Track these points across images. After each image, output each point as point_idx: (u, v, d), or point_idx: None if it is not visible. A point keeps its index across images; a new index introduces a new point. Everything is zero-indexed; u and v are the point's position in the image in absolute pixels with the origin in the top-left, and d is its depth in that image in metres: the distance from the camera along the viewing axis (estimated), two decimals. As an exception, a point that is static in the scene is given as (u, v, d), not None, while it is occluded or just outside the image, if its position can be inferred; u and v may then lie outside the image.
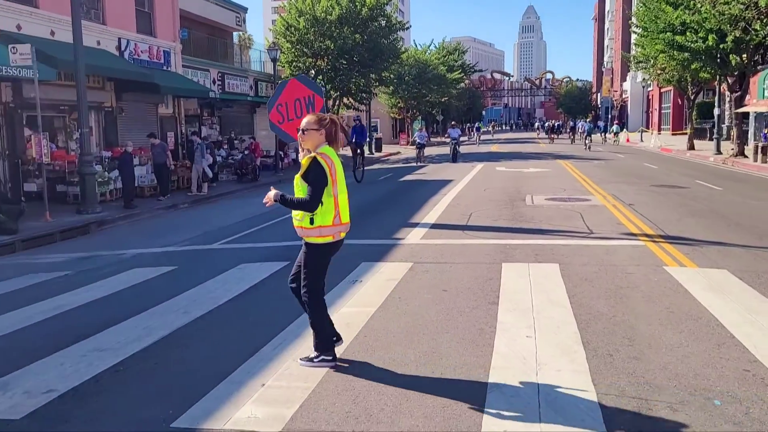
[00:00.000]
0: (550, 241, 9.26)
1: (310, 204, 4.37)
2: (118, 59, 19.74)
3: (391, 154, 39.15)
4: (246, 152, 23.94)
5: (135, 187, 16.65)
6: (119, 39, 20.18)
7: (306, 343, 5.13)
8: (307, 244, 4.61)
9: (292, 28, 30.81)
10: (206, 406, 4.06)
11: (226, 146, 27.07)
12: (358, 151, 21.07)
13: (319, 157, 4.38)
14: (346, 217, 4.61)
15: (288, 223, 12.77)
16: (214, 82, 27.32)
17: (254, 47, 40.29)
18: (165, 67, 22.47)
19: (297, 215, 4.55)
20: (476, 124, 61.76)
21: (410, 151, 38.69)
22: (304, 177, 4.40)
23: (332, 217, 4.47)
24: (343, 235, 4.64)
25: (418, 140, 30.04)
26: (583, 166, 23.99)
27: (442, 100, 55.26)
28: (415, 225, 11.17)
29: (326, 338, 4.69)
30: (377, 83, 36.54)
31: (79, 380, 4.59)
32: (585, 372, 4.42)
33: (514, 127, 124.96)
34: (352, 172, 20.04)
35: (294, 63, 31.48)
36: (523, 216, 11.80)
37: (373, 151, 39.26)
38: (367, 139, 26.35)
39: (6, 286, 8.21)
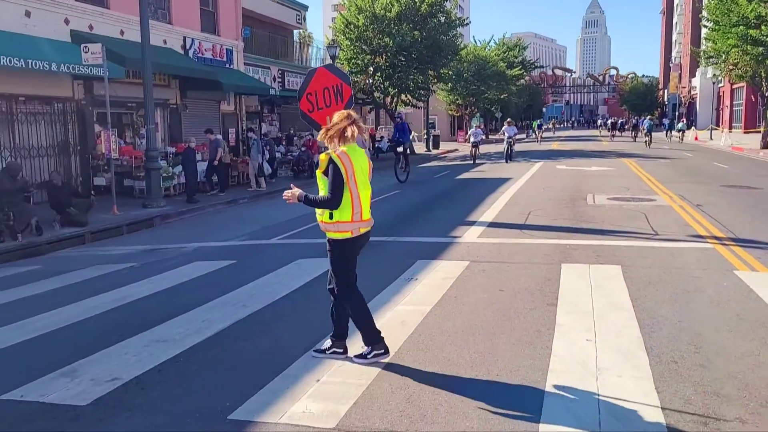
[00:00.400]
0: (612, 242, 8.99)
1: (332, 202, 4.48)
2: (183, 57, 20.31)
3: (448, 152, 38.90)
4: (303, 149, 24.15)
5: (197, 182, 17.10)
6: (184, 38, 20.76)
7: (361, 341, 5.14)
8: (328, 241, 4.69)
9: (351, 26, 31.01)
10: (262, 400, 4.12)
11: (284, 143, 27.47)
12: (400, 149, 19.88)
13: (334, 156, 4.46)
14: (367, 214, 4.66)
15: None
16: (274, 80, 27.77)
17: (314, 44, 40.72)
18: (227, 65, 22.99)
19: (318, 210, 4.65)
20: (538, 122, 59.02)
21: (468, 149, 38.38)
22: (325, 173, 4.51)
23: (351, 214, 4.54)
24: (363, 230, 4.66)
25: (473, 138, 28.09)
26: (648, 164, 23.23)
27: (501, 97, 54.48)
28: (472, 223, 11.05)
29: (372, 330, 4.72)
30: (435, 80, 36.39)
31: (141, 369, 4.73)
32: (648, 379, 4.26)
33: (575, 124, 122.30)
34: (394, 173, 19.49)
35: (353, 60, 31.67)
36: (584, 216, 11.51)
37: (431, 148, 39.11)
38: (411, 138, 24.48)
39: (76, 276, 8.55)
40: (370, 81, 33.00)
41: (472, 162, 26.76)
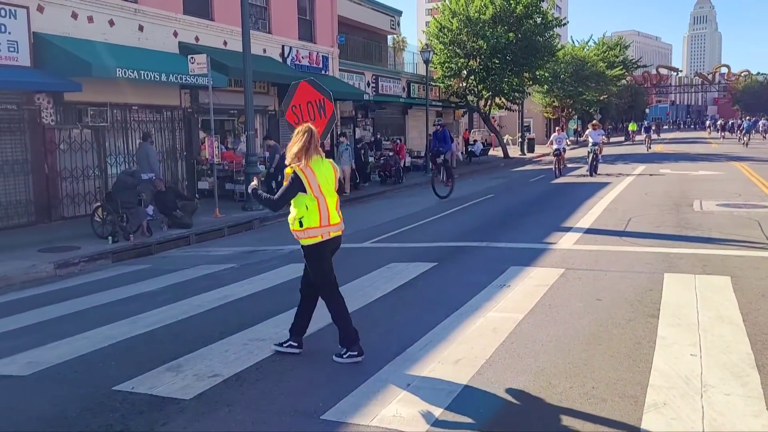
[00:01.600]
0: (720, 251, 8.47)
1: (275, 204, 4.99)
2: (281, 65, 21.02)
3: (543, 155, 37.99)
4: (390, 153, 24.22)
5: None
6: (282, 46, 21.48)
7: (452, 347, 5.13)
8: (302, 247, 5.04)
9: (445, 29, 30.97)
10: (354, 402, 4.19)
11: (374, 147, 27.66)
12: (440, 159, 17.27)
13: (298, 169, 4.82)
14: (335, 218, 4.98)
15: (437, 224, 12.87)
16: (368, 85, 28.18)
17: (407, 49, 40.93)
18: (323, 72, 23.56)
19: (290, 220, 4.99)
20: (646, 123, 51.83)
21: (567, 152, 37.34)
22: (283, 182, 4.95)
23: (318, 219, 4.89)
24: (333, 234, 4.99)
25: (555, 144, 22.45)
26: (763, 168, 21.71)
27: (601, 98, 52.62)
28: (568, 229, 10.74)
29: (349, 332, 4.98)
30: (531, 82, 35.66)
31: (241, 367, 4.94)
32: (759, 398, 3.98)
33: (682, 125, 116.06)
34: (432, 188, 17.04)
35: (446, 64, 31.61)
36: (690, 223, 10.91)
37: (525, 151, 38.37)
38: (452, 148, 20.01)
39: (182, 275, 9.04)
40: (464, 84, 32.81)
41: (554, 174, 21.79)
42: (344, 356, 4.96)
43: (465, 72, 31.93)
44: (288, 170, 4.89)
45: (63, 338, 5.97)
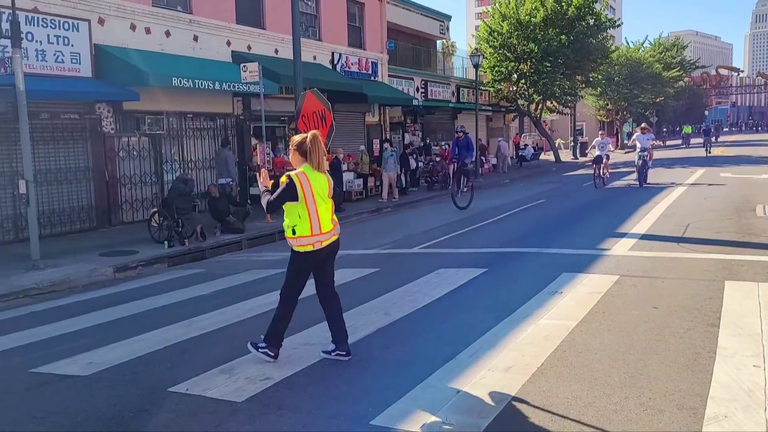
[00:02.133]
0: (785, 258, 8.11)
1: (269, 205, 5.05)
2: (331, 72, 21.24)
3: (596, 159, 37.22)
4: (437, 159, 24.03)
5: (343, 192, 17.76)
6: (332, 53, 21.71)
7: (502, 354, 5.07)
8: (291, 250, 5.15)
9: (495, 33, 30.74)
10: (403, 408, 4.17)
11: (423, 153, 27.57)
12: (458, 166, 16.30)
13: (293, 175, 4.95)
14: (326, 227, 5.06)
15: (486, 229, 12.73)
16: (417, 90, 28.19)
17: (456, 54, 40.78)
18: (372, 78, 23.70)
19: (284, 227, 5.11)
20: (705, 125, 49.02)
21: (617, 156, 36.51)
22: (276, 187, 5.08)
23: (309, 228, 4.98)
24: (325, 243, 5.07)
25: (598, 150, 20.33)
26: (830, 171, 20.72)
27: (657, 100, 51.25)
28: (623, 235, 10.47)
29: (278, 334, 5.20)
30: (584, 85, 35.05)
31: (291, 371, 4.99)
32: (830, 414, 3.78)
33: (743, 127, 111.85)
34: (451, 198, 16.14)
35: (496, 68, 31.38)
36: (753, 228, 10.48)
37: (578, 155, 37.70)
38: (473, 156, 18.64)
39: (234, 279, 9.22)
40: (514, 88, 32.48)
41: (594, 184, 19.61)
42: (259, 349, 5.20)
43: (515, 76, 31.62)
44: (283, 178, 5.01)
45: (121, 340, 6.16)
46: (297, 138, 5.16)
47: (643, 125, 20.51)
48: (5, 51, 11.17)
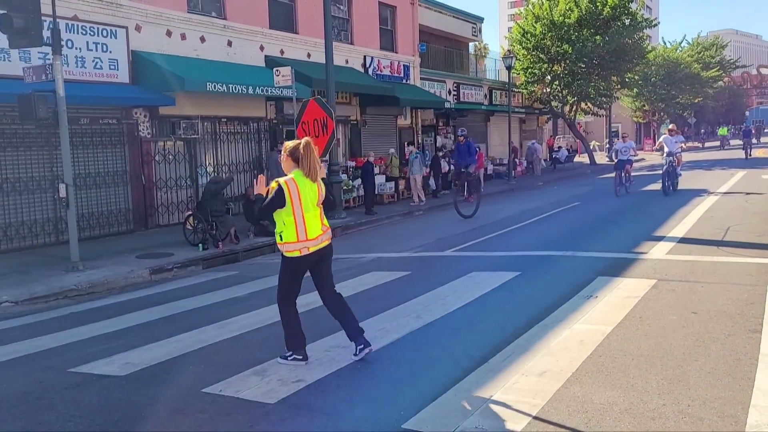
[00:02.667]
0: (831, 262, 7.84)
1: (262, 210, 5.17)
2: (363, 75, 21.30)
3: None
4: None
5: (375, 195, 17.78)
6: (364, 56, 21.78)
7: (536, 358, 5.00)
8: (281, 255, 5.25)
9: (528, 35, 30.47)
10: (435, 412, 4.14)
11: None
12: (463, 170, 15.67)
13: (282, 182, 5.01)
14: (312, 233, 5.12)
15: (519, 232, 12.62)
16: (449, 93, 28.10)
17: (489, 56, 40.56)
18: (404, 81, 23.70)
19: (275, 233, 5.20)
20: (745, 126, 46.14)
21: (655, 158, 35.79)
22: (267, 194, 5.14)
23: (295, 234, 5.07)
24: (312, 249, 5.13)
25: (620, 155, 18.18)
26: None
27: (695, 101, 50.20)
28: (660, 239, 10.26)
29: (295, 338, 5.25)
30: (619, 86, 34.48)
31: (323, 373, 5.00)
32: None
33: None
34: (454, 206, 15.33)
35: (529, 69, 31.09)
36: (796, 231, 10.17)
37: (613, 158, 37.06)
38: (476, 161, 17.30)
39: (268, 282, 9.27)
40: (548, 90, 32.13)
41: (615, 193, 17.57)
42: (288, 358, 5.25)
43: (549, 77, 31.28)
44: (273, 184, 5.07)
45: (157, 341, 6.26)
46: (290, 144, 5.22)
47: (670, 126, 18.79)
48: (46, 58, 11.48)
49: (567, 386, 4.44)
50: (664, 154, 17.40)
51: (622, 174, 17.94)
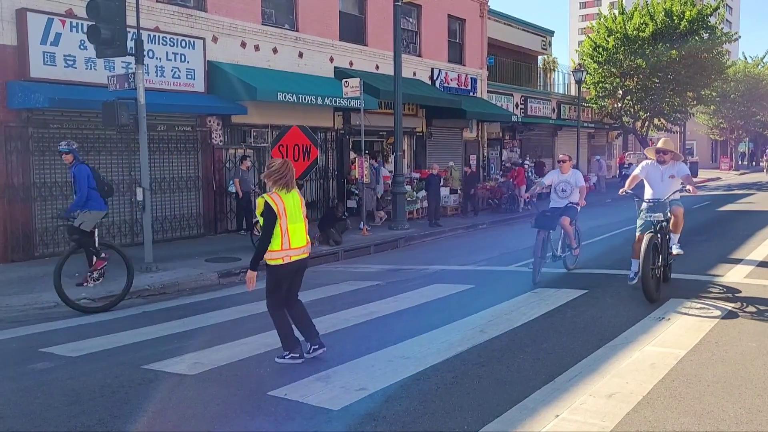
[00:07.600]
0: None
1: (264, 241, 5.43)
2: (430, 87, 21.35)
3: (708, 180, 35.22)
4: (502, 179, 22.03)
5: (440, 207, 17.73)
6: (432, 69, 21.82)
7: (604, 380, 4.87)
8: (266, 264, 5.53)
9: (600, 48, 29.79)
10: (499, 428, 4.09)
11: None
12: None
13: (267, 197, 5.40)
14: (297, 243, 5.51)
15: (586, 249, 12.30)
16: (516, 106, 27.81)
17: (558, 69, 39.88)
18: (471, 93, 23.61)
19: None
20: None
21: (732, 177, 34.32)
22: (262, 214, 5.43)
23: (280, 244, 5.41)
24: (294, 258, 5.50)
25: (551, 199, 10.04)
26: None
27: (777, 118, 47.88)
28: (738, 261, 9.82)
29: (289, 339, 5.60)
30: (695, 102, 33.24)
31: (386, 383, 5.01)
32: None
33: None
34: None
35: (600, 84, 30.39)
36: None
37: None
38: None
39: (332, 290, 9.39)
40: (619, 105, 31.32)
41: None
42: (286, 357, 5.58)
43: (621, 92, 30.50)
44: (260, 200, 5.47)
45: (225, 342, 6.42)
46: (272, 164, 5.64)
47: (660, 142, 9.10)
48: (129, 67, 12.03)
49: (637, 410, 4.30)
50: (641, 203, 8.65)
51: (548, 237, 9.38)
